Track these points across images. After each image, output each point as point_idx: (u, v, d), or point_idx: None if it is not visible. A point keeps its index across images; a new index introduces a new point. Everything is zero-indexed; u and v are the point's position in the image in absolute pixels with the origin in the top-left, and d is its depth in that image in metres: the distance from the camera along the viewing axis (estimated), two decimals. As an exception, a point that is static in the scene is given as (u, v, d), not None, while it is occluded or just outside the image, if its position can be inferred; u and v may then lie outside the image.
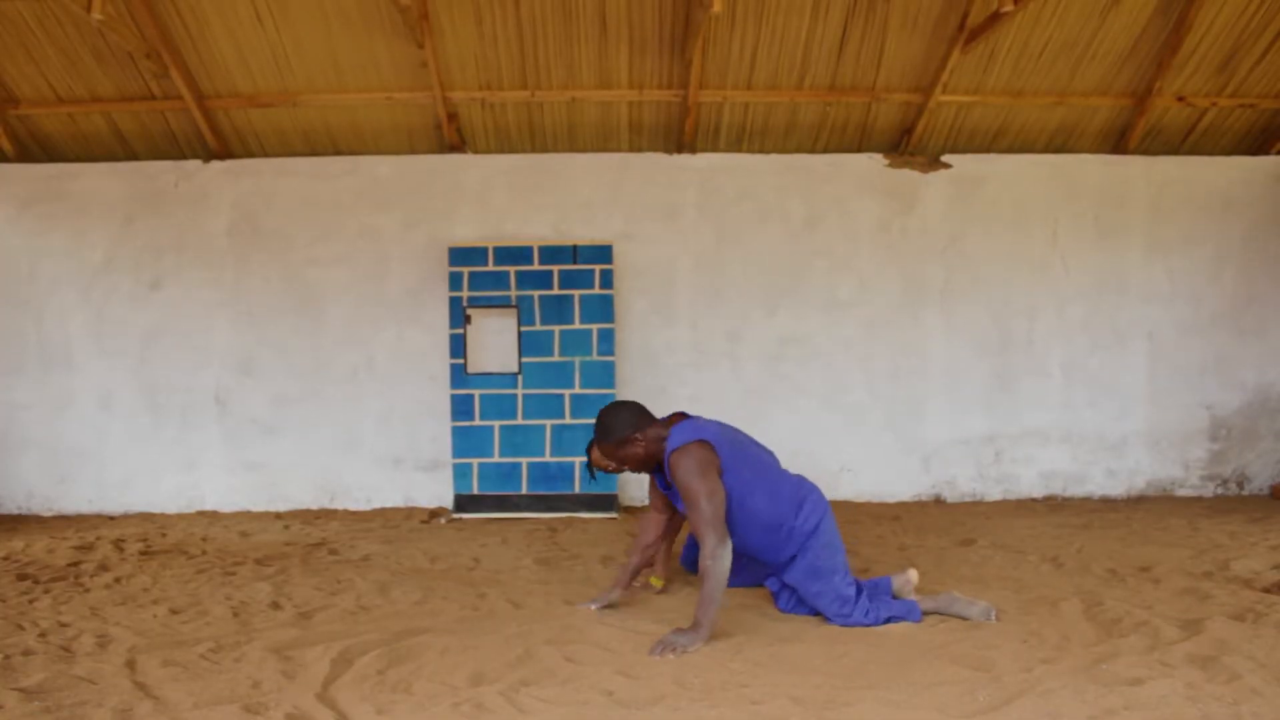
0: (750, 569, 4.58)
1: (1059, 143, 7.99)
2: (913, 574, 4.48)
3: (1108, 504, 7.62)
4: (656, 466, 4.25)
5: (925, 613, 4.19)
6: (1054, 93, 7.61)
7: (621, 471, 4.32)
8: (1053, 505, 7.58)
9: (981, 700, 3.14)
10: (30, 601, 4.70)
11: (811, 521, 4.18)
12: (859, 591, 4.17)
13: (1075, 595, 4.51)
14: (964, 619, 4.13)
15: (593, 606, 4.36)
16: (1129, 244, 7.92)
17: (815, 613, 4.23)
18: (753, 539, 4.19)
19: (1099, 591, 4.60)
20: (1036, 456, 7.90)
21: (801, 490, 4.29)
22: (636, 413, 4.15)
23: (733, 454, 4.09)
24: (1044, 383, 7.91)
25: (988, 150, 8.00)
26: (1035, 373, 7.90)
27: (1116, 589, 4.67)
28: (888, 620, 4.09)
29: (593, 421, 7.18)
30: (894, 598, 4.34)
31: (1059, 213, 7.90)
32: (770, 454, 4.42)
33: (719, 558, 3.78)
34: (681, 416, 4.28)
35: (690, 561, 4.92)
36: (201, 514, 7.60)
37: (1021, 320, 7.89)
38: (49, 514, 7.68)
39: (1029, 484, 7.90)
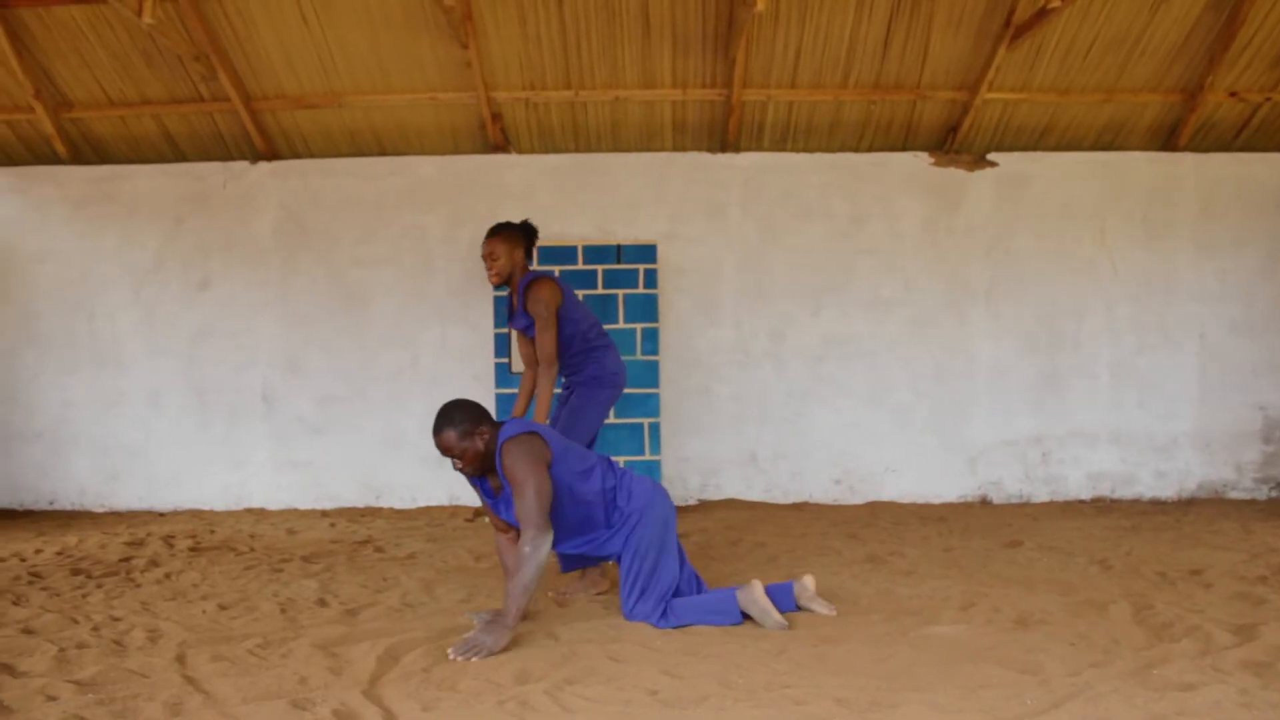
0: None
1: (1107, 140, 7.89)
2: (808, 581, 4.41)
3: (1157, 506, 7.52)
4: (481, 476, 4.20)
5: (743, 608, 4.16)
6: (1102, 89, 7.51)
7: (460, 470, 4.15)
8: (1101, 507, 7.49)
9: (1029, 704, 3.10)
10: (84, 596, 4.78)
11: (638, 505, 4.20)
12: (663, 595, 4.14)
13: (1124, 598, 4.45)
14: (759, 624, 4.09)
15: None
16: (1179, 243, 7.81)
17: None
18: (587, 524, 4.22)
19: (1149, 595, 4.54)
20: (1084, 458, 7.82)
21: (628, 480, 4.29)
22: (480, 411, 4.09)
23: (562, 446, 4.14)
24: (1092, 383, 7.82)
25: (1034, 148, 7.92)
26: (1083, 373, 7.82)
27: (1167, 592, 4.60)
28: (687, 624, 4.08)
29: (636, 420, 7.27)
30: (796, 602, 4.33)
31: (1107, 211, 7.81)
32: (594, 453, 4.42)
33: (539, 546, 3.85)
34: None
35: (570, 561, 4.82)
36: (249, 511, 7.69)
37: (1069, 320, 7.81)
38: (101, 510, 7.80)
39: (1077, 485, 7.81)
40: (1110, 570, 5.15)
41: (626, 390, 7.30)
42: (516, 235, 5.15)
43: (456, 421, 4.01)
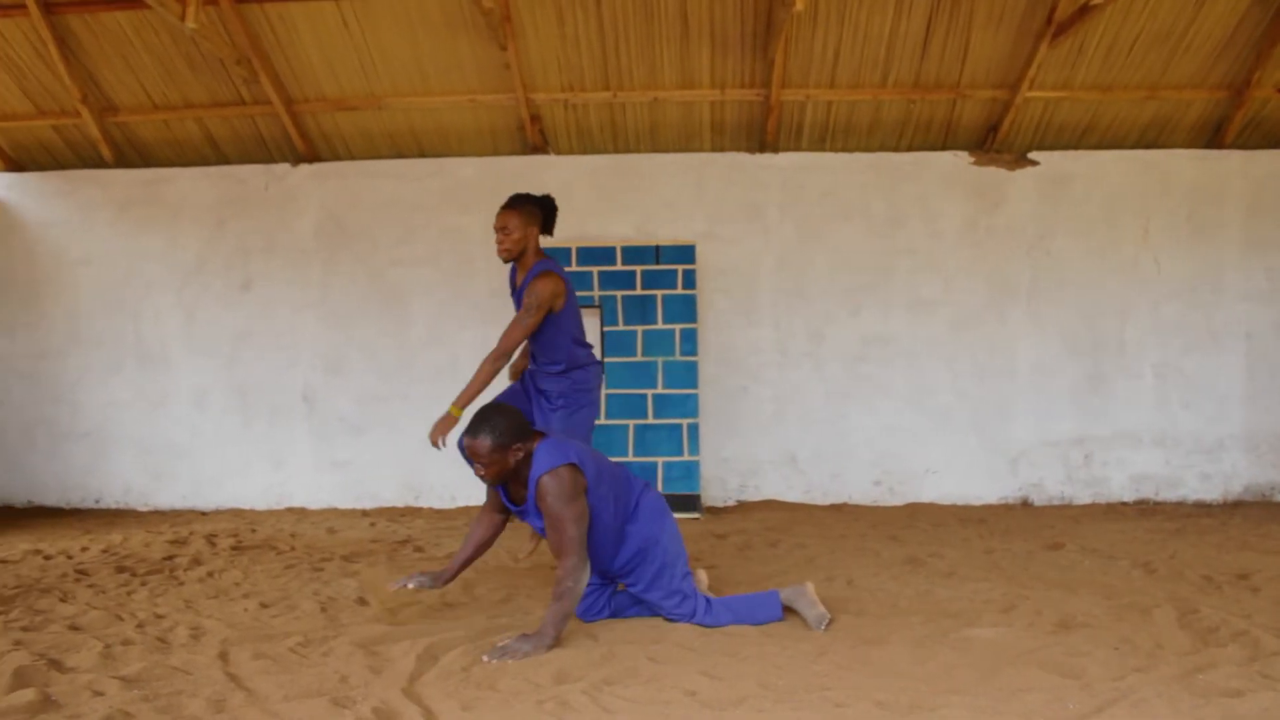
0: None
1: (1151, 138, 7.80)
2: (702, 575, 4.50)
3: (1202, 509, 7.42)
4: (504, 482, 4.07)
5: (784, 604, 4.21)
6: (1146, 86, 7.42)
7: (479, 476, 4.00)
8: (1144, 509, 7.40)
9: (1071, 708, 3.07)
10: (128, 593, 4.85)
11: (656, 508, 4.20)
12: (697, 593, 4.19)
13: (1168, 602, 4.40)
14: (804, 618, 4.11)
15: (409, 584, 4.18)
16: (1225, 241, 7.70)
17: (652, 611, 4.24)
18: (599, 547, 4.10)
19: (1194, 599, 4.48)
20: (1128, 459, 7.72)
21: (639, 492, 4.23)
22: (522, 424, 3.95)
23: (596, 472, 4.01)
24: (1136, 384, 7.72)
25: (1076, 147, 7.84)
26: (1126, 374, 7.72)
27: (1213, 597, 4.54)
28: (733, 622, 4.10)
29: (675, 421, 7.26)
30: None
31: (1151, 210, 7.71)
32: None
33: (580, 579, 3.82)
34: (541, 435, 4.06)
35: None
36: (290, 510, 7.75)
37: (1112, 320, 7.72)
38: (145, 509, 7.89)
39: (1119, 487, 7.72)
40: (1154, 574, 5.08)
41: (665, 391, 7.33)
42: (535, 211, 4.89)
43: (496, 432, 3.87)
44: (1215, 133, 7.73)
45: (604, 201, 7.79)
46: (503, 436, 3.87)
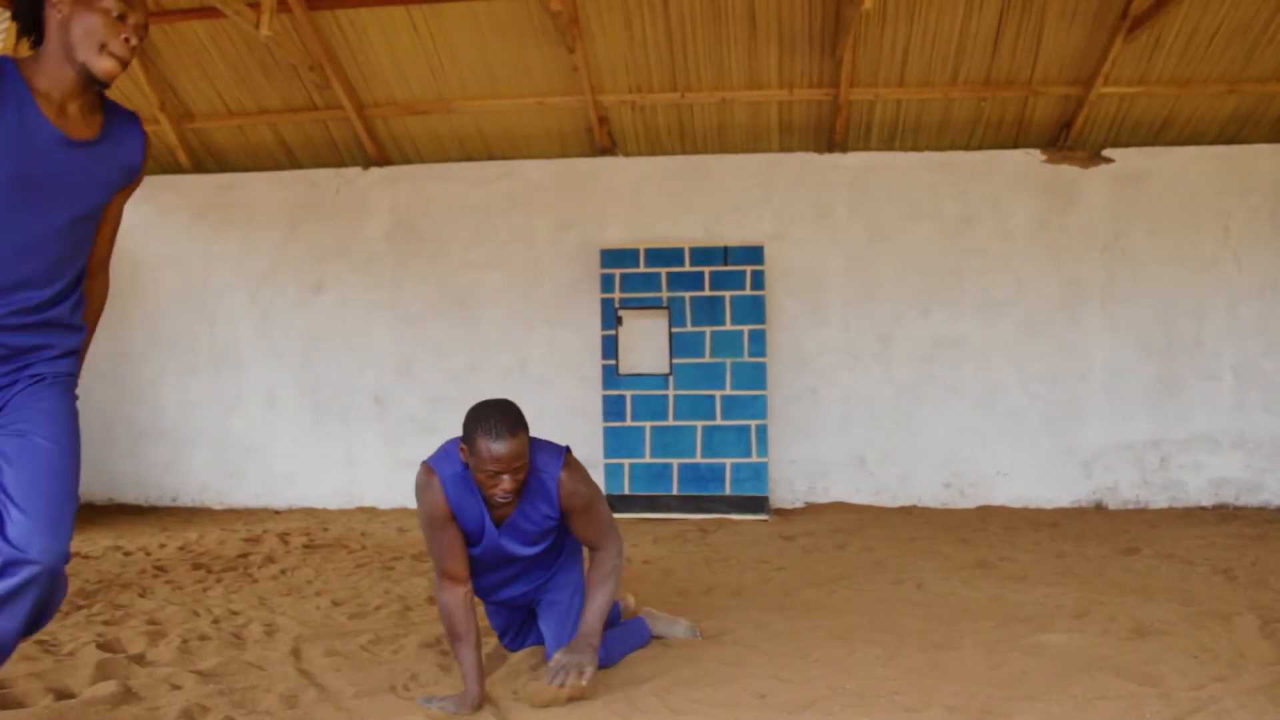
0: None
1: (1231, 133, 7.61)
2: (630, 599, 4.09)
3: (1285, 513, 7.24)
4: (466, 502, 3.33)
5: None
6: (1226, 80, 7.24)
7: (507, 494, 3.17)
8: (1223, 514, 7.22)
9: (1149, 717, 3.00)
10: (204, 590, 4.94)
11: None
12: None
13: (1250, 610, 4.27)
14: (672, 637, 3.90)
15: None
16: (1309, 239, 7.50)
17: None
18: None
19: (1277, 607, 4.35)
20: (1206, 463, 7.54)
21: None
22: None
23: None
24: (1214, 385, 7.54)
25: (1153, 143, 7.68)
26: (1204, 375, 7.54)
27: (1297, 605, 4.42)
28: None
29: (743, 423, 7.23)
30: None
31: (1231, 207, 7.52)
32: None
33: (622, 561, 3.42)
34: None
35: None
36: (361, 510, 7.86)
37: (1189, 320, 7.54)
38: (220, 507, 8.05)
39: (1197, 492, 7.54)
40: (1235, 581, 4.95)
41: (734, 392, 7.29)
42: None
43: (525, 424, 3.19)
44: (1299, 128, 7.54)
45: (672, 202, 7.79)
46: (527, 429, 3.21)
